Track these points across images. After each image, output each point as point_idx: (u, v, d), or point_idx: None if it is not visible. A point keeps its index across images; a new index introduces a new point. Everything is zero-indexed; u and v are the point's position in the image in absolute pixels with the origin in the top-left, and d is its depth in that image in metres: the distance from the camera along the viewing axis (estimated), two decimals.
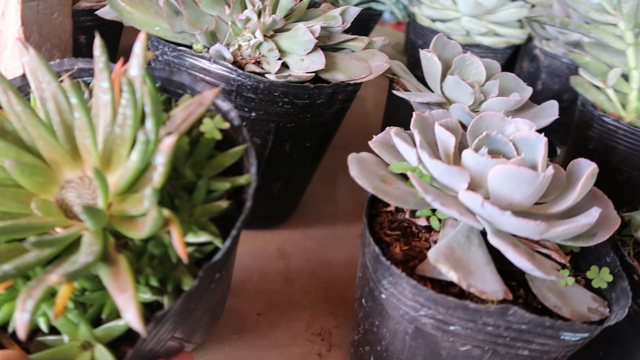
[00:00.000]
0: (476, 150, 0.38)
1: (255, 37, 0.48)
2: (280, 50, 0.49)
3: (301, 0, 0.51)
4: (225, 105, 0.34)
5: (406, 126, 0.44)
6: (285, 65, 0.49)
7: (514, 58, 0.96)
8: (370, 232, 0.37)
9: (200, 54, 0.46)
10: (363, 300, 0.39)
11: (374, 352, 0.39)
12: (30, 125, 0.29)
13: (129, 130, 0.28)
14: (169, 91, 0.37)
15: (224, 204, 0.31)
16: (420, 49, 0.60)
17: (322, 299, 0.51)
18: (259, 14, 0.49)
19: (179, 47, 0.47)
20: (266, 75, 0.47)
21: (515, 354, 0.33)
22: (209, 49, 0.49)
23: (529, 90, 0.60)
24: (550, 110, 0.58)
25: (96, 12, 0.50)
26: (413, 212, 0.39)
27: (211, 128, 0.32)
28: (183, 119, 0.31)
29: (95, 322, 0.29)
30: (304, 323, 0.48)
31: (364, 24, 0.95)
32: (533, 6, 0.94)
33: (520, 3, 0.89)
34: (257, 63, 0.49)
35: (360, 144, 0.46)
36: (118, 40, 0.69)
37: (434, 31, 0.89)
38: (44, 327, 0.28)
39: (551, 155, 0.60)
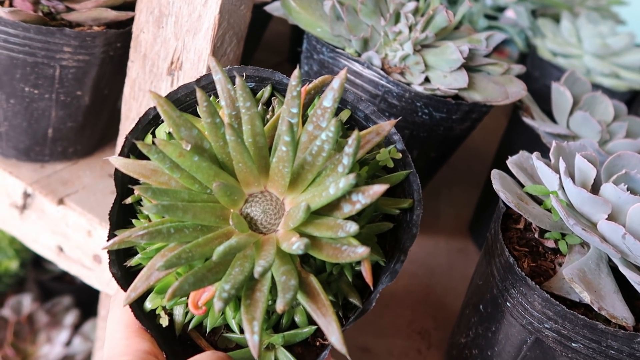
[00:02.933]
0: (615, 185, 0.40)
1: (403, 49, 0.52)
2: (426, 65, 0.52)
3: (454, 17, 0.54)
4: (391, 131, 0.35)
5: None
6: (427, 79, 0.53)
7: (632, 104, 0.94)
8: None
9: (355, 58, 0.51)
10: (481, 306, 0.41)
11: (483, 356, 0.41)
12: (235, 151, 0.30)
13: (321, 161, 0.30)
14: None
15: (389, 224, 0.34)
16: (537, 82, 0.62)
17: (422, 300, 0.54)
18: (411, 29, 0.53)
19: (336, 49, 0.52)
20: (412, 85, 0.50)
21: None
22: (359, 54, 0.53)
23: None
24: None
25: (265, 8, 0.56)
26: (542, 234, 0.41)
27: (386, 157, 0.34)
28: (362, 146, 0.33)
29: (274, 327, 0.33)
30: (406, 319, 0.51)
31: None
32: None
33: None
34: (401, 73, 0.53)
35: (464, 167, 0.47)
36: (264, 29, 0.75)
37: (554, 66, 0.89)
38: (235, 327, 0.32)
39: None
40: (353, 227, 0.28)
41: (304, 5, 0.53)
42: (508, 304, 0.38)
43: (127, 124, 0.52)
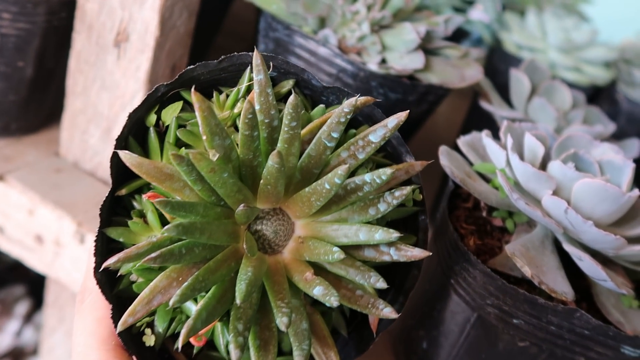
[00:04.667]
0: (563, 163, 0.40)
1: (361, 29, 0.52)
2: (383, 45, 0.51)
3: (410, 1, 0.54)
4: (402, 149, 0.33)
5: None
6: (383, 61, 0.52)
7: (594, 99, 0.96)
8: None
9: (311, 36, 0.50)
10: (427, 286, 0.41)
11: (429, 337, 0.40)
12: (271, 175, 0.28)
13: (354, 198, 0.29)
14: None
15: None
16: (503, 75, 0.62)
17: None
18: (369, 8, 0.52)
19: (291, 27, 0.51)
20: (368, 64, 0.50)
21: (571, 358, 0.34)
22: (316, 33, 0.52)
23: (612, 126, 0.61)
24: (630, 148, 0.58)
25: None
26: (490, 212, 0.41)
27: (409, 198, 0.32)
28: (389, 182, 0.31)
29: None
30: None
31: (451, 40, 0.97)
32: (622, 51, 0.94)
33: (609, 46, 0.89)
34: (358, 54, 0.52)
35: (428, 153, 0.47)
36: (225, 13, 0.73)
37: (519, 59, 0.90)
38: (222, 349, 0.30)
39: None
40: (380, 282, 0.27)
41: None
42: (452, 281, 0.37)
43: (73, 99, 0.50)
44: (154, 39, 0.45)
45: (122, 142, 0.30)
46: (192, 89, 0.27)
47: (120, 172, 0.30)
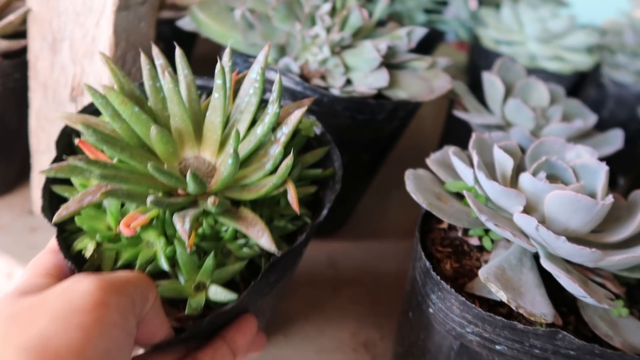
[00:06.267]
0: (534, 174, 0.38)
1: (322, 53, 0.51)
2: (346, 66, 0.51)
3: (370, 18, 0.53)
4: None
5: (464, 146, 0.44)
6: (349, 81, 0.51)
7: (580, 85, 0.94)
8: (422, 247, 0.38)
9: (270, 66, 0.49)
10: (410, 314, 0.39)
11: None
12: (172, 102, 0.33)
13: (249, 115, 0.34)
14: None
15: (312, 188, 0.36)
16: (482, 71, 0.60)
17: (369, 310, 0.52)
18: (328, 31, 0.51)
19: (250, 59, 0.50)
20: (330, 89, 0.49)
21: None
22: (277, 62, 0.51)
23: (593, 118, 0.60)
24: (614, 139, 0.57)
25: (176, 23, 0.54)
26: (466, 231, 0.39)
27: (308, 126, 0.38)
28: (285, 114, 0.35)
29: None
30: (350, 332, 0.49)
31: (427, 43, 0.96)
32: (604, 33, 0.92)
33: (589, 29, 0.88)
34: (323, 78, 0.51)
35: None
36: (192, 49, 0.73)
37: (498, 54, 0.88)
38: (165, 262, 0.31)
39: (612, 185, 0.59)
40: (275, 150, 0.32)
41: (213, 17, 0.51)
42: (430, 310, 0.36)
43: (38, 157, 0.50)
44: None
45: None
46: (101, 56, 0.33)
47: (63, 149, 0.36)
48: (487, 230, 0.39)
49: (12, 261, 0.48)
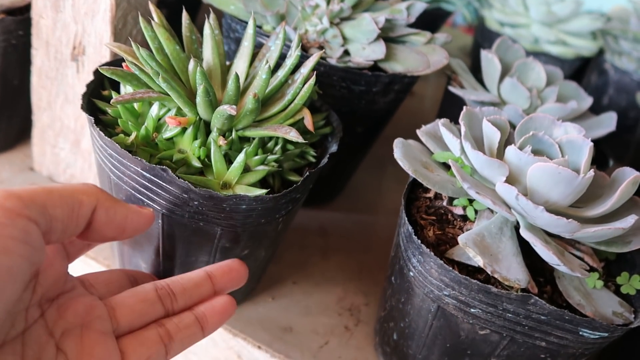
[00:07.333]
0: (521, 148, 0.39)
1: (321, 23, 0.51)
2: (344, 38, 0.51)
3: None
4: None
5: (457, 121, 0.45)
6: (346, 52, 0.51)
7: (583, 70, 0.94)
8: (407, 214, 0.39)
9: (268, 34, 0.50)
10: (392, 278, 0.41)
11: (398, 328, 0.41)
12: (207, 48, 0.41)
13: (273, 60, 0.41)
14: None
15: (321, 115, 0.46)
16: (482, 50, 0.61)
17: (355, 277, 0.54)
18: (328, 2, 0.52)
19: None
20: (327, 59, 0.49)
21: (532, 344, 0.34)
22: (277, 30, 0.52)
23: (588, 100, 0.60)
24: (607, 122, 0.57)
25: None
26: (451, 201, 0.40)
27: (312, 88, 0.40)
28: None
29: None
30: (336, 297, 0.51)
31: (432, 23, 0.96)
32: (609, 19, 0.91)
33: (595, 15, 0.88)
34: (321, 48, 0.52)
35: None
36: (195, 15, 0.74)
37: (502, 36, 0.88)
38: (197, 163, 0.36)
39: (603, 166, 0.60)
40: (298, 79, 0.40)
41: None
42: (411, 273, 0.37)
43: (39, 114, 0.51)
44: (109, 51, 0.45)
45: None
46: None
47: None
48: (471, 201, 0.40)
49: None
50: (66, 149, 0.51)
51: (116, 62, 0.42)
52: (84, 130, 0.49)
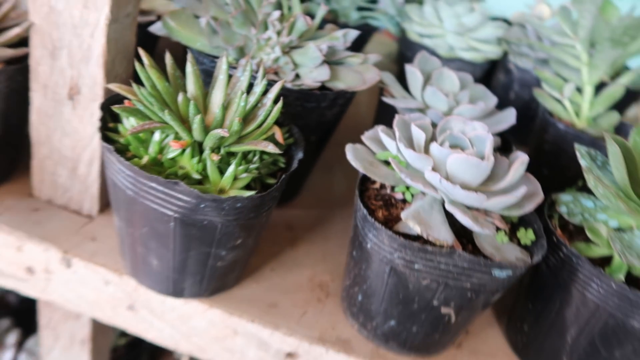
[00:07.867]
0: (441, 144, 0.52)
1: (274, 52, 0.62)
2: (294, 63, 0.62)
3: (313, 21, 0.64)
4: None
5: (391, 126, 0.57)
6: (298, 76, 0.62)
7: (492, 71, 1.09)
8: (361, 201, 0.50)
9: (233, 65, 0.60)
10: (354, 253, 0.52)
11: (361, 291, 0.52)
12: (190, 82, 0.51)
13: (240, 92, 0.49)
14: None
15: (290, 140, 0.55)
16: (405, 64, 0.73)
17: (320, 261, 0.65)
18: (279, 34, 0.63)
19: (215, 59, 0.60)
20: (284, 82, 0.60)
21: (461, 286, 0.46)
22: (237, 61, 0.62)
23: (494, 100, 0.74)
24: (508, 117, 0.71)
25: (149, 29, 0.64)
26: (393, 189, 0.52)
27: (280, 108, 0.49)
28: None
29: None
30: (307, 277, 0.62)
31: (361, 38, 1.08)
32: (510, 24, 1.08)
33: (498, 23, 1.03)
34: (276, 73, 0.62)
35: (354, 141, 0.59)
36: (155, 46, 0.82)
37: (422, 45, 1.02)
38: (196, 175, 0.46)
39: (509, 151, 0.74)
40: (269, 101, 0.50)
41: (182, 24, 0.61)
42: (369, 245, 0.48)
43: (38, 147, 0.58)
44: (102, 89, 0.54)
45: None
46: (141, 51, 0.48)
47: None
48: (408, 187, 0.52)
49: (22, 235, 0.57)
50: (64, 176, 0.59)
51: (111, 98, 0.51)
52: (80, 158, 0.57)
